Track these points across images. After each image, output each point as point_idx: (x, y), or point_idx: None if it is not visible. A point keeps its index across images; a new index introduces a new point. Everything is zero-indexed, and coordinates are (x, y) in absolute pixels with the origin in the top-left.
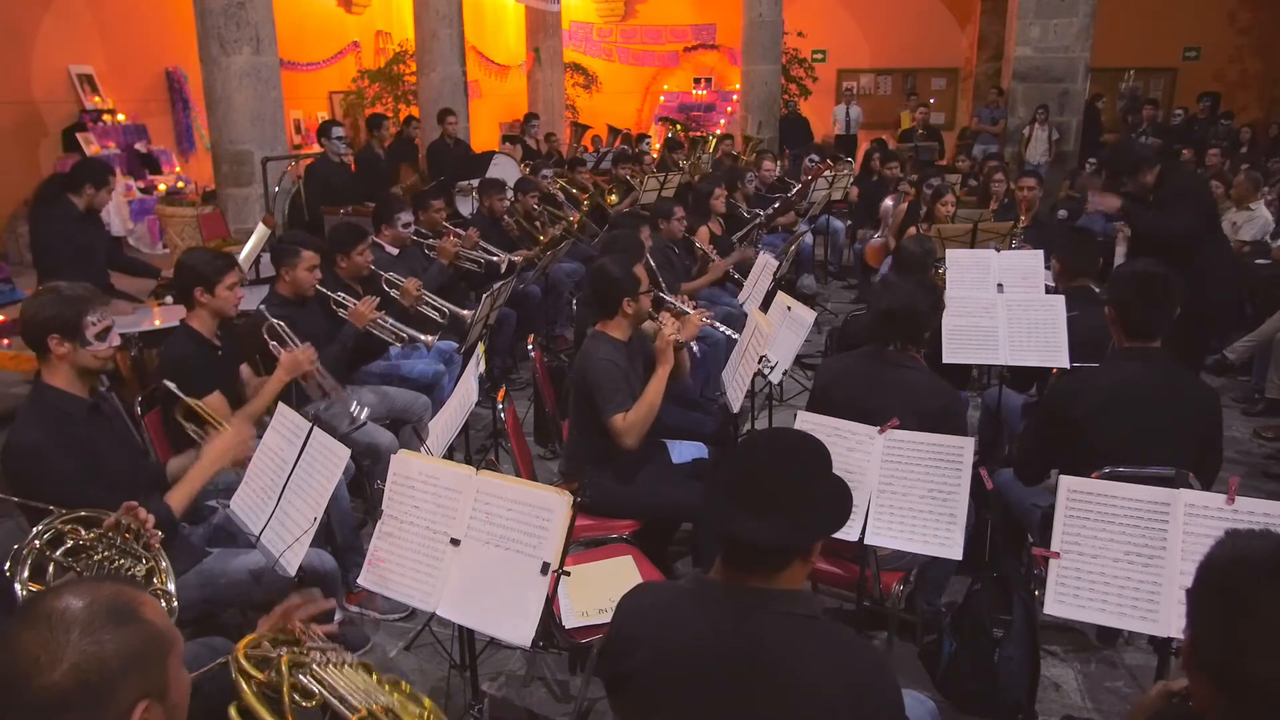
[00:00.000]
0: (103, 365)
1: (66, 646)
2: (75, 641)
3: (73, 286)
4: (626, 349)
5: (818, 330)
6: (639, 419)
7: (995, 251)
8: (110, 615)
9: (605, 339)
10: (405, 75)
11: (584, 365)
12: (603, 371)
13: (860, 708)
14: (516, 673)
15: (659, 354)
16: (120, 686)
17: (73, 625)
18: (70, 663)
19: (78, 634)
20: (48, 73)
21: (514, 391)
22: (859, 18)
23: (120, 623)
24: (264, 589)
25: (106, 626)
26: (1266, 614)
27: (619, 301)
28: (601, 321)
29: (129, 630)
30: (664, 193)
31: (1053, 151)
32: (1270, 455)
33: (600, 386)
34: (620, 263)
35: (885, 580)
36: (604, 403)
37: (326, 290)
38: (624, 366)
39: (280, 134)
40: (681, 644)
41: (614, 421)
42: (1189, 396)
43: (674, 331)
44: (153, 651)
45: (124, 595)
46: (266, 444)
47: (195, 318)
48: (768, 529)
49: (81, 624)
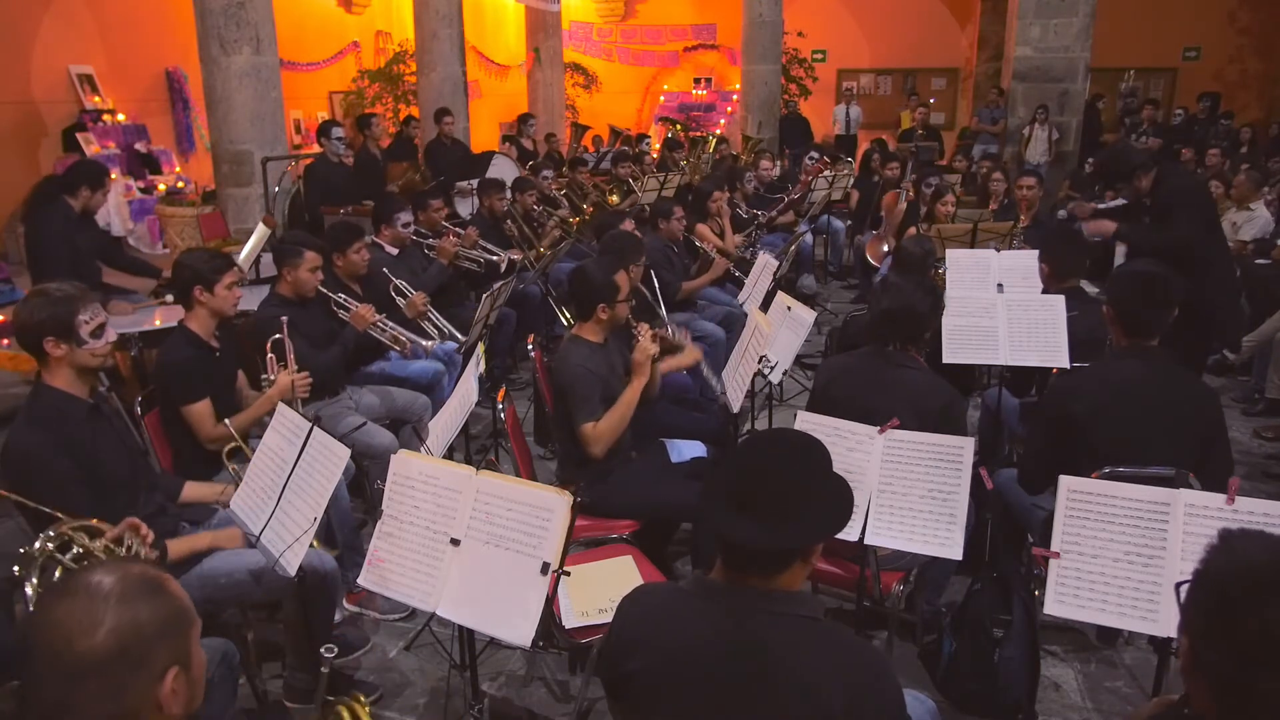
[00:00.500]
0: (101, 363)
1: (106, 613)
2: (114, 608)
3: (61, 287)
4: (604, 352)
5: (818, 330)
6: (609, 428)
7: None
8: (142, 587)
9: (581, 343)
10: (405, 75)
11: (559, 370)
12: (576, 378)
13: (861, 708)
14: (516, 673)
15: (636, 366)
16: (154, 652)
17: (110, 595)
18: (109, 627)
19: (115, 602)
20: (48, 73)
21: (514, 391)
22: (859, 18)
23: (152, 595)
24: (264, 589)
25: (141, 597)
26: (1266, 621)
27: (593, 306)
28: (578, 324)
29: (159, 601)
30: (664, 192)
31: (1053, 151)
32: (1270, 455)
33: (573, 393)
34: (602, 266)
35: (885, 580)
36: (575, 410)
37: (328, 291)
38: (600, 372)
39: (280, 134)
40: (682, 645)
41: (584, 430)
42: (1188, 395)
43: (654, 348)
44: (181, 622)
45: (151, 572)
46: (266, 444)
47: (193, 319)
48: (766, 532)
49: (118, 594)
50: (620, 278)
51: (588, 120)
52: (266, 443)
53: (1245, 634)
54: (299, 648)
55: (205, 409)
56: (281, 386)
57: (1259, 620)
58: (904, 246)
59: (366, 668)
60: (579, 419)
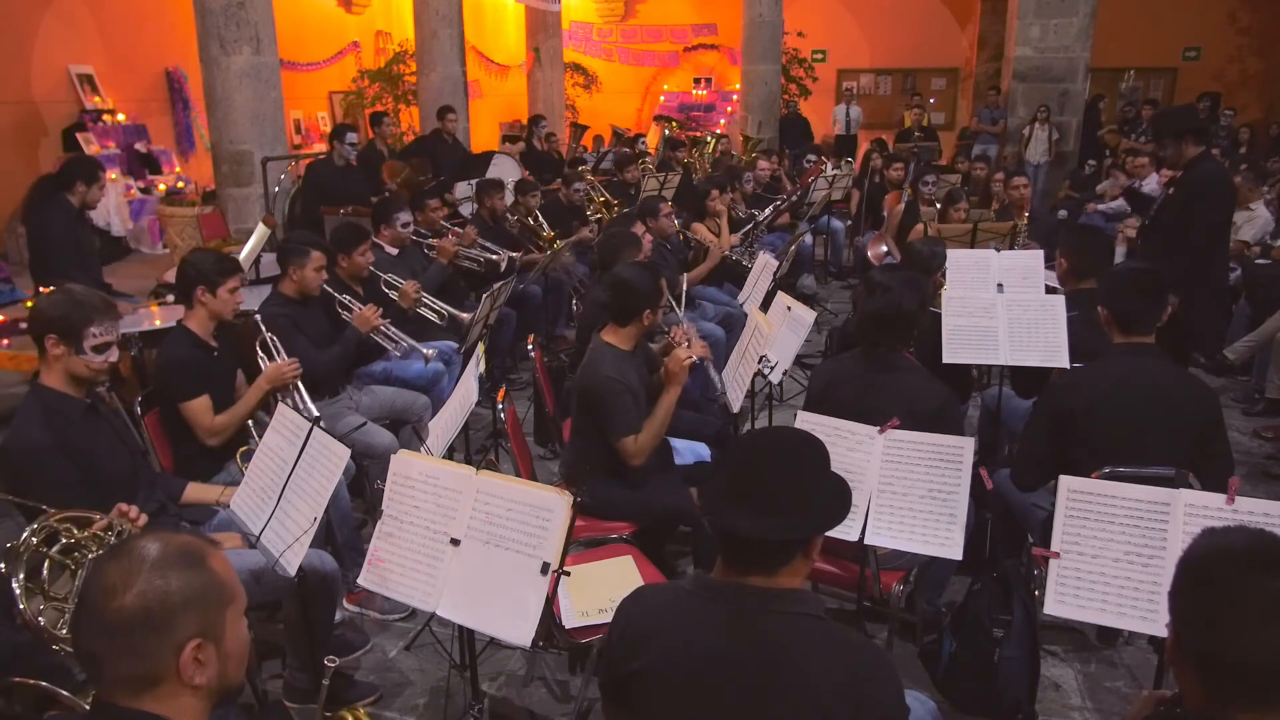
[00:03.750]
0: (93, 377)
1: (139, 577)
2: (146, 574)
3: (88, 293)
4: (632, 360)
5: (818, 330)
6: (650, 439)
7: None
8: (179, 558)
9: (611, 351)
10: (405, 75)
11: (589, 378)
12: (611, 394)
13: (863, 706)
14: (516, 673)
15: (670, 375)
16: (178, 621)
17: (147, 560)
18: (138, 591)
19: (149, 568)
20: (48, 73)
21: (514, 391)
22: (859, 18)
23: (186, 566)
24: (264, 589)
25: (175, 567)
26: (1241, 598)
27: (639, 312)
28: (610, 328)
29: (193, 573)
30: (664, 192)
31: (1053, 151)
32: (1270, 455)
33: (608, 408)
34: (642, 273)
35: (885, 580)
36: (612, 424)
37: (332, 291)
38: (630, 382)
39: (280, 134)
40: (685, 644)
41: (624, 444)
42: (1186, 392)
43: (690, 355)
44: (212, 596)
45: (196, 545)
46: (266, 444)
47: (193, 318)
48: (767, 523)
49: (154, 561)
50: (662, 284)
51: (588, 120)
52: (266, 443)
53: (1223, 610)
54: (299, 648)
55: (203, 404)
56: (269, 374)
57: (1235, 594)
58: (913, 245)
59: (366, 668)
60: (618, 433)
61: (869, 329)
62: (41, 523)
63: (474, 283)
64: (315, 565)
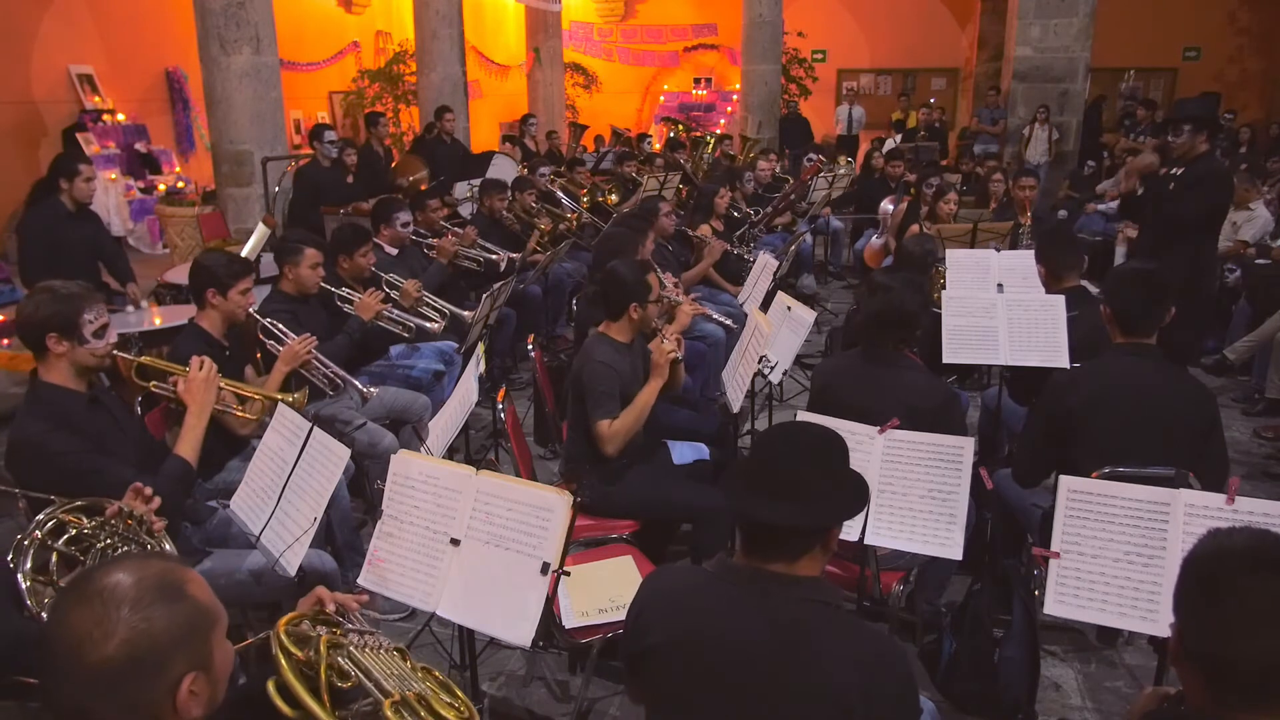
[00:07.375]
0: (100, 363)
1: (118, 622)
2: (126, 618)
3: (67, 285)
4: (629, 352)
5: (818, 330)
6: (624, 427)
7: (995, 251)
8: (159, 592)
9: (607, 341)
10: (405, 75)
11: (581, 366)
12: (598, 375)
13: (875, 692)
14: (516, 673)
15: (654, 367)
16: (170, 661)
17: (123, 602)
18: (121, 638)
19: (128, 610)
20: (48, 73)
21: (514, 391)
22: (859, 18)
23: (169, 600)
24: (264, 589)
25: (156, 603)
26: (1245, 598)
27: (625, 305)
28: (605, 323)
29: (177, 607)
30: (664, 192)
31: (1053, 151)
32: (1270, 455)
33: (592, 390)
34: (632, 267)
35: (885, 580)
36: (592, 406)
37: (330, 287)
38: (622, 371)
39: (280, 134)
40: (706, 623)
41: (599, 426)
42: (1184, 393)
43: (673, 347)
44: (199, 626)
45: (171, 573)
46: (266, 444)
47: (205, 318)
48: (790, 510)
49: (131, 600)
50: (651, 278)
51: (588, 120)
52: (266, 443)
53: (1225, 610)
54: None
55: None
56: (285, 355)
57: (1237, 594)
58: (905, 245)
59: None
60: (595, 415)
61: (870, 329)
62: (49, 514)
63: (474, 283)
64: (315, 565)
